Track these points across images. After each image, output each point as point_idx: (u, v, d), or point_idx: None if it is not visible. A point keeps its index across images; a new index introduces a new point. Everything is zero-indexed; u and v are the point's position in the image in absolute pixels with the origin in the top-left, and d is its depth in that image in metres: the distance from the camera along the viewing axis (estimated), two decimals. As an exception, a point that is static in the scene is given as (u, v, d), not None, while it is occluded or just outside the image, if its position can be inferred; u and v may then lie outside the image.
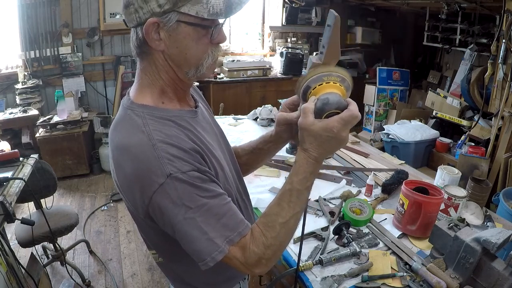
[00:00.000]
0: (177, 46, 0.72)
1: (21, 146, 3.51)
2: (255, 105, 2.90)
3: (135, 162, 0.69)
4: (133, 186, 0.70)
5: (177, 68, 0.76)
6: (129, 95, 0.80)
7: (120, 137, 0.73)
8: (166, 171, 0.67)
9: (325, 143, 0.72)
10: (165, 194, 0.67)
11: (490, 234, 0.97)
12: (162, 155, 0.67)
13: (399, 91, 4.61)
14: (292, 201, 0.75)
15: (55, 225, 2.06)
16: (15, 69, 3.74)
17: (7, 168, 1.94)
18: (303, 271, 1.11)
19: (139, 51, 0.76)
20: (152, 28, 0.70)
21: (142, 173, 0.68)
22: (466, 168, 2.73)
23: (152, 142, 0.68)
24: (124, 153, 0.71)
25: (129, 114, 0.74)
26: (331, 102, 0.72)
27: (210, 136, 0.84)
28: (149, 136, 0.69)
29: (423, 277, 1.04)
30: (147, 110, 0.74)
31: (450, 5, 3.52)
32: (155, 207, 0.69)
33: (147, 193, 0.68)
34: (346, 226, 1.25)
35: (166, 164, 0.67)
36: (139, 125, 0.71)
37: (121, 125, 0.75)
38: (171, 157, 0.68)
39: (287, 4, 4.87)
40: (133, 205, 0.74)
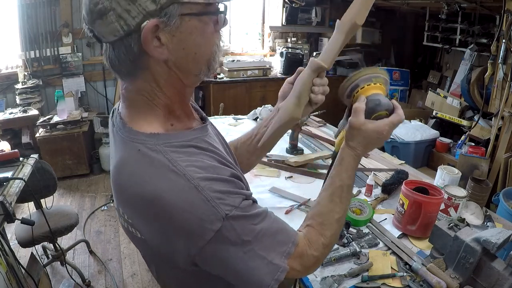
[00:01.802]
0: (184, 47, 0.59)
1: (21, 146, 3.51)
2: (255, 105, 2.90)
3: (178, 213, 0.55)
4: (174, 239, 0.58)
5: (184, 75, 0.63)
6: (126, 123, 0.64)
7: (142, 183, 0.57)
8: (221, 213, 0.56)
9: (372, 143, 0.74)
10: (222, 239, 0.57)
11: (490, 234, 0.97)
12: (210, 196, 0.56)
13: (399, 91, 4.62)
14: (343, 196, 0.74)
15: (55, 225, 2.06)
16: (15, 69, 3.74)
17: (7, 168, 1.94)
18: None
19: (131, 69, 0.59)
20: (152, 32, 0.55)
21: (189, 224, 0.56)
22: (466, 168, 2.74)
23: (193, 183, 0.55)
24: (156, 204, 0.56)
25: (140, 150, 0.59)
26: (383, 103, 0.74)
27: (224, 148, 0.75)
28: (186, 175, 0.56)
29: (423, 277, 1.04)
30: (162, 140, 0.60)
31: (450, 5, 3.52)
32: (207, 255, 0.59)
33: (198, 243, 0.57)
34: (346, 226, 1.26)
35: (219, 205, 0.56)
36: (164, 163, 0.57)
37: (135, 166, 0.59)
38: (220, 195, 0.57)
39: (287, 4, 4.87)
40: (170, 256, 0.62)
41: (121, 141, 0.64)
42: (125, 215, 0.65)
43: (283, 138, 2.25)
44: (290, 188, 1.60)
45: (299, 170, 1.77)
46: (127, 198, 0.61)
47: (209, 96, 4.47)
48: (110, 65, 0.61)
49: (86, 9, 0.56)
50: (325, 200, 0.75)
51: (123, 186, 0.61)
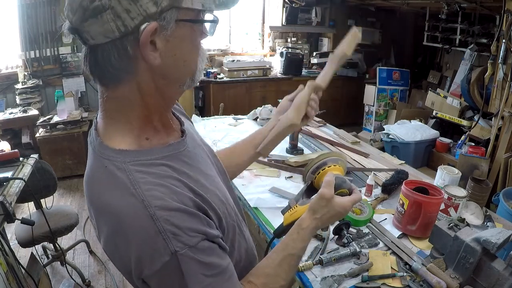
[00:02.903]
0: (175, 53, 0.57)
1: (21, 146, 3.51)
2: (255, 105, 2.90)
3: (130, 236, 0.54)
4: (126, 259, 0.57)
5: (168, 85, 0.61)
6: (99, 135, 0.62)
7: (104, 200, 0.57)
8: (170, 248, 0.54)
9: (335, 216, 0.77)
10: (166, 273, 0.55)
11: (490, 234, 0.97)
12: (165, 228, 0.53)
13: (399, 91, 4.62)
14: (292, 265, 0.74)
15: (55, 225, 2.06)
16: (15, 69, 3.75)
17: (7, 168, 1.94)
18: (303, 271, 1.11)
19: (117, 73, 0.56)
20: (151, 35, 0.53)
21: (139, 250, 0.55)
22: (466, 168, 2.74)
23: (149, 212, 0.53)
24: (113, 220, 0.55)
25: (107, 167, 0.57)
26: (347, 182, 0.84)
27: (205, 163, 0.71)
28: (144, 201, 0.54)
29: (423, 277, 1.04)
30: (130, 157, 0.58)
31: (450, 5, 3.52)
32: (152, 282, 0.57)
33: (147, 269, 0.55)
34: (346, 226, 1.25)
35: (171, 239, 0.54)
36: (126, 185, 0.55)
37: (100, 181, 0.58)
38: (175, 230, 0.54)
39: (287, 4, 4.87)
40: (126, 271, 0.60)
41: (92, 154, 0.61)
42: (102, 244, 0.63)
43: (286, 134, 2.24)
44: (290, 188, 1.60)
45: (299, 170, 1.77)
46: (94, 211, 0.60)
47: (209, 96, 4.47)
48: (90, 70, 0.57)
49: (75, 6, 0.51)
50: (274, 263, 0.73)
51: (91, 200, 0.60)
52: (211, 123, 2.49)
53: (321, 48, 5.39)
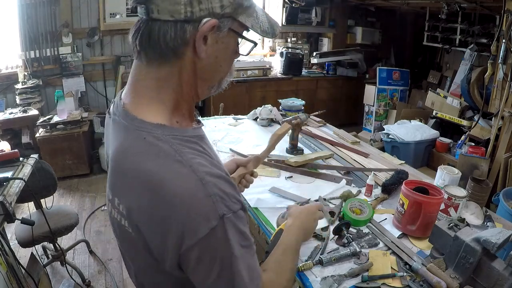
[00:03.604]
0: (217, 55, 0.63)
1: (21, 146, 3.51)
2: (255, 105, 2.90)
3: (178, 203, 0.55)
4: (169, 230, 0.56)
5: (201, 82, 0.66)
6: (129, 111, 0.63)
7: (146, 171, 0.57)
8: (219, 211, 0.56)
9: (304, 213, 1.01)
10: (212, 239, 0.56)
11: (490, 234, 0.97)
12: (214, 191, 0.56)
13: (399, 91, 4.62)
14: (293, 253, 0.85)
15: (55, 225, 2.06)
16: (15, 69, 3.74)
17: (7, 168, 1.94)
18: (303, 271, 1.12)
19: (168, 52, 0.59)
20: (209, 30, 0.58)
21: (187, 216, 0.55)
22: (466, 168, 2.74)
23: (198, 176, 0.56)
24: (158, 192, 0.55)
25: (146, 139, 0.59)
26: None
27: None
28: (192, 167, 0.56)
29: (423, 277, 1.04)
30: (168, 131, 0.60)
31: (450, 5, 3.52)
32: (192, 255, 0.57)
33: (191, 239, 0.55)
34: (346, 226, 1.25)
35: (219, 203, 0.56)
36: (170, 153, 0.57)
37: (139, 151, 0.59)
38: (222, 194, 0.57)
39: (287, 4, 4.87)
40: (158, 249, 0.60)
41: (124, 129, 0.63)
42: (121, 205, 0.63)
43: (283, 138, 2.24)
44: (290, 188, 1.60)
45: (299, 170, 1.77)
46: (129, 185, 0.60)
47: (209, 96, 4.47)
48: (140, 43, 0.60)
49: None
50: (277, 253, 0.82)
51: (126, 173, 0.60)
52: (211, 123, 2.49)
53: (321, 48, 5.39)
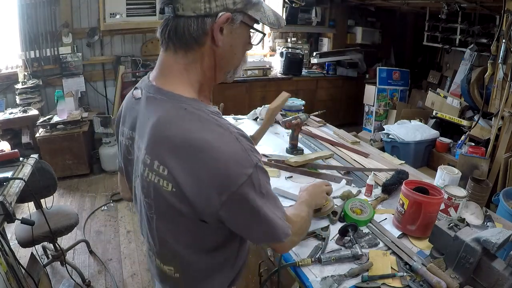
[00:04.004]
0: (231, 44, 0.76)
1: (21, 146, 3.51)
2: (255, 105, 2.90)
3: (221, 157, 0.67)
4: (213, 181, 0.67)
5: (219, 68, 0.78)
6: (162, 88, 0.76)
7: (190, 133, 0.68)
8: (253, 161, 0.70)
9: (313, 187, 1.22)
10: (251, 184, 0.69)
11: (490, 234, 0.97)
12: (246, 146, 0.70)
13: (399, 91, 4.62)
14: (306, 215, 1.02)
15: (55, 225, 2.06)
16: (15, 69, 3.74)
17: (7, 168, 1.94)
18: (300, 266, 1.12)
19: (192, 42, 0.72)
20: (224, 22, 0.71)
21: (229, 167, 0.67)
22: (466, 168, 2.74)
23: (234, 135, 0.70)
24: (203, 149, 0.67)
25: (187, 109, 0.71)
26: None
27: None
28: (229, 129, 0.70)
29: (423, 277, 1.04)
30: (202, 104, 0.74)
31: (450, 5, 3.52)
32: (235, 203, 0.69)
33: (232, 187, 0.67)
34: (352, 228, 1.24)
35: (251, 154, 0.70)
36: (209, 119, 0.71)
37: (183, 121, 0.70)
38: (251, 148, 0.71)
39: (287, 4, 4.87)
40: (201, 203, 0.70)
41: (160, 102, 0.74)
42: (162, 167, 0.71)
43: (283, 138, 2.24)
44: (290, 188, 1.60)
45: (299, 170, 1.77)
46: (173, 147, 0.69)
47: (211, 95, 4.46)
48: (168, 36, 0.73)
49: None
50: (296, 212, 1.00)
51: (170, 137, 0.70)
52: (211, 123, 2.49)
53: (321, 48, 5.39)
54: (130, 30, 4.10)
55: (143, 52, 4.26)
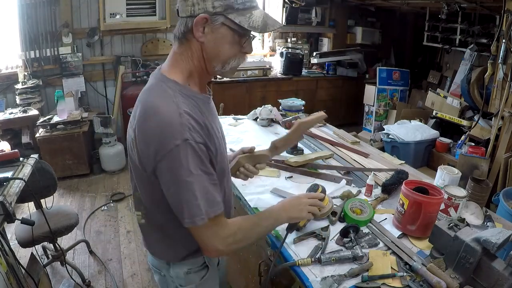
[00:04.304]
0: (214, 42, 0.88)
1: (21, 146, 3.51)
2: (255, 105, 2.90)
3: (162, 121, 0.82)
4: (151, 140, 0.83)
5: (207, 60, 0.91)
6: (160, 70, 0.94)
7: (153, 97, 0.87)
8: (184, 135, 0.81)
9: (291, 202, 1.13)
10: (177, 154, 0.81)
11: (490, 234, 0.97)
12: (185, 123, 0.82)
13: (399, 91, 4.62)
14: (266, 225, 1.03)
15: (55, 225, 2.06)
16: (15, 69, 3.74)
17: (7, 168, 1.94)
18: (300, 266, 1.13)
19: (181, 37, 0.90)
20: (202, 22, 0.85)
21: (164, 131, 0.81)
22: (466, 168, 2.74)
23: (179, 111, 0.83)
24: (154, 110, 0.84)
25: (162, 85, 0.89)
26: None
27: (216, 124, 1.01)
28: (178, 106, 0.84)
29: (423, 277, 1.04)
30: (177, 86, 0.89)
31: (450, 5, 3.52)
32: (164, 165, 0.82)
33: (162, 150, 0.81)
34: (354, 229, 1.24)
35: (186, 131, 0.82)
36: (171, 95, 0.86)
37: (155, 90, 0.90)
38: (191, 127, 0.83)
39: (287, 4, 4.87)
40: (144, 158, 0.86)
41: (154, 80, 0.94)
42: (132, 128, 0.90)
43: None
44: (290, 188, 1.60)
45: (299, 170, 1.78)
46: (139, 111, 0.88)
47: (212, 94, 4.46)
48: (174, 32, 0.92)
49: None
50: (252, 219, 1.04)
51: (140, 101, 0.90)
52: (211, 123, 2.49)
53: (321, 48, 5.39)
54: (130, 30, 4.10)
55: (143, 52, 4.26)
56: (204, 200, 0.84)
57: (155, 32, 4.25)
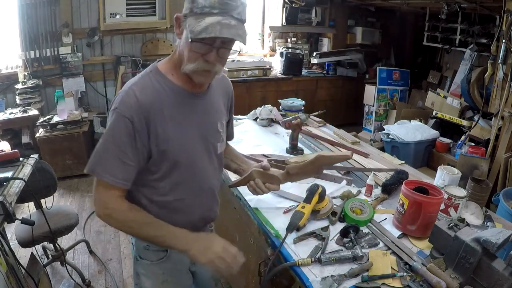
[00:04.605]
0: (182, 42, 0.96)
1: (21, 146, 3.51)
2: (255, 105, 2.90)
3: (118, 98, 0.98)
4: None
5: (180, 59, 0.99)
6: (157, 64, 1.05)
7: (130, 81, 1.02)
8: (116, 105, 0.96)
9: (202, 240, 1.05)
10: (109, 117, 0.98)
11: (490, 234, 0.97)
12: (124, 97, 0.96)
13: (399, 91, 4.62)
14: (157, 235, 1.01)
15: (55, 225, 2.05)
16: (15, 69, 3.74)
17: (7, 168, 1.94)
18: (300, 266, 1.12)
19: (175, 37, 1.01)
20: (176, 21, 0.96)
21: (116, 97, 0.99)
22: (466, 168, 2.74)
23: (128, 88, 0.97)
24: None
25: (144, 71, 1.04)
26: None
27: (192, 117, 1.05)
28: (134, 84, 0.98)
29: (423, 277, 1.04)
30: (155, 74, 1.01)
31: (450, 5, 3.52)
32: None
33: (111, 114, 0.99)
34: (354, 229, 1.24)
35: (119, 101, 0.96)
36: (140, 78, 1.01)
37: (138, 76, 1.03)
38: (127, 101, 0.95)
39: (287, 4, 4.87)
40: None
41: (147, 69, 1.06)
42: None
43: (283, 138, 2.25)
44: (290, 189, 1.59)
45: (299, 170, 1.77)
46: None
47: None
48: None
49: None
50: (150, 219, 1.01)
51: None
52: (211, 123, 2.49)
53: (321, 48, 5.38)
54: (130, 30, 4.10)
55: (143, 52, 4.26)
56: (103, 162, 0.96)
57: (155, 32, 4.25)
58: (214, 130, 1.12)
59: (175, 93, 1.01)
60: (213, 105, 1.11)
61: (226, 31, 0.87)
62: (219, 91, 1.16)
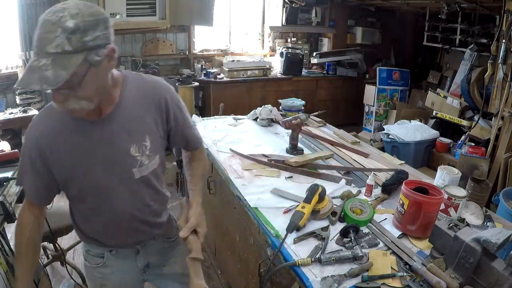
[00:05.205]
0: None
1: (21, 146, 3.50)
2: (255, 105, 2.90)
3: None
4: None
5: None
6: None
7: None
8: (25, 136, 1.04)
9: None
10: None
11: (490, 234, 0.97)
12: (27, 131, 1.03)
13: (399, 91, 4.62)
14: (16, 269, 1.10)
15: (55, 225, 2.05)
16: (15, 69, 3.74)
17: (7, 168, 1.94)
18: (300, 266, 1.12)
19: None
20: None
21: None
22: (466, 168, 2.73)
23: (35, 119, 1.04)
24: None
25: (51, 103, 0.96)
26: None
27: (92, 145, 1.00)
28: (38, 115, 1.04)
29: (423, 277, 1.04)
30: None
31: (450, 5, 3.52)
32: None
33: None
34: (353, 229, 1.24)
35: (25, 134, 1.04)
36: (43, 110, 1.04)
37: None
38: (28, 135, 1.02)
39: (287, 4, 4.87)
40: None
41: None
42: None
43: (283, 138, 2.24)
44: (290, 189, 1.59)
45: (299, 170, 1.77)
46: None
47: (209, 96, 4.47)
48: None
49: None
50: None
51: None
52: (211, 123, 2.49)
53: (321, 48, 5.39)
54: (130, 30, 4.09)
55: (143, 52, 4.26)
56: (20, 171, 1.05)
57: (155, 32, 4.25)
58: (124, 155, 1.02)
59: (74, 122, 0.97)
60: (123, 128, 1.01)
61: (26, 79, 0.78)
62: (143, 108, 1.04)
